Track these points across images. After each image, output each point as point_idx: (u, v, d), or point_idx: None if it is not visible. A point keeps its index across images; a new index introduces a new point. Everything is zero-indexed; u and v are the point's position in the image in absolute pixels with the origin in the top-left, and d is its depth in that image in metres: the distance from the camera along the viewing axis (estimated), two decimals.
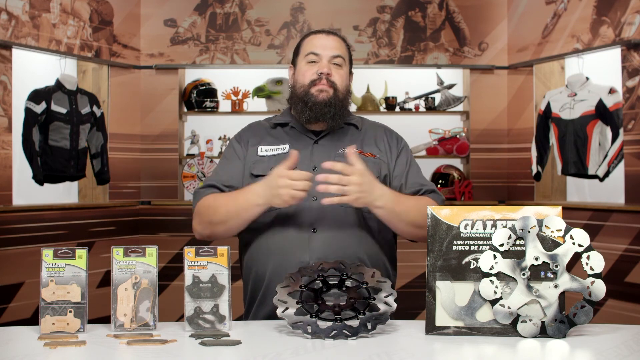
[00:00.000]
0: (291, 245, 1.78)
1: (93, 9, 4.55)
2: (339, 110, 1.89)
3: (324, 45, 1.91)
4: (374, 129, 2.00)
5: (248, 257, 1.88)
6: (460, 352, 1.36)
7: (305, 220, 1.79)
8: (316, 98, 1.87)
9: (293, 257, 1.76)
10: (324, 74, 1.87)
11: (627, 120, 4.00)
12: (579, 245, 1.45)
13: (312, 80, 1.88)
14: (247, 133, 1.99)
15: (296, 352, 1.34)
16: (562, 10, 4.45)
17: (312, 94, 1.87)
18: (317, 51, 1.90)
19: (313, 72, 1.89)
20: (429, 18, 4.91)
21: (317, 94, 1.87)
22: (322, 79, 1.87)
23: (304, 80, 1.90)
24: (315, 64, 1.90)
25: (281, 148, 1.90)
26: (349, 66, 1.97)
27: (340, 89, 1.90)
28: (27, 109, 4.09)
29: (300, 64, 1.93)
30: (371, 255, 1.82)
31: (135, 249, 1.54)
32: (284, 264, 1.75)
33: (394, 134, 2.01)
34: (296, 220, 1.80)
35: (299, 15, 4.89)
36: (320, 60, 1.89)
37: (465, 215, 1.50)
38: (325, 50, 1.90)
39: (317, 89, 1.87)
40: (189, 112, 4.89)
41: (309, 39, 1.95)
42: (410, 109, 4.91)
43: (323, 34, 1.94)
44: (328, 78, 1.88)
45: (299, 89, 1.91)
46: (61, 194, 4.56)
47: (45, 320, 1.50)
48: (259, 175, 1.85)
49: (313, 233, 1.78)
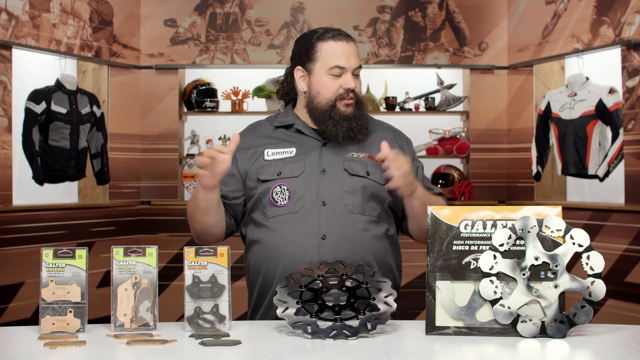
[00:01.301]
0: (300, 252, 1.77)
1: (93, 9, 4.55)
2: (364, 121, 1.88)
3: (347, 55, 1.84)
4: (382, 130, 1.97)
5: (255, 263, 1.85)
6: (460, 352, 1.36)
7: (314, 226, 1.78)
8: (344, 113, 1.84)
9: (302, 264, 1.73)
10: (351, 89, 1.84)
11: (627, 120, 4.00)
12: (579, 245, 1.45)
13: (340, 95, 1.84)
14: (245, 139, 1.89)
15: (296, 352, 1.34)
16: (562, 10, 4.45)
17: (339, 109, 1.84)
18: (342, 64, 1.83)
19: (338, 85, 1.84)
20: (429, 18, 4.91)
21: (345, 109, 1.84)
22: (349, 93, 1.84)
23: (329, 94, 1.84)
24: (339, 78, 1.84)
25: (288, 152, 1.87)
26: None
27: (361, 98, 1.89)
28: (27, 109, 4.09)
29: (320, 74, 1.85)
30: (380, 262, 1.81)
31: (135, 249, 1.54)
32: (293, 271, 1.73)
33: (402, 137, 2.00)
34: (305, 226, 1.78)
35: (299, 15, 4.89)
36: (344, 73, 1.84)
37: (465, 215, 1.50)
38: (349, 61, 1.84)
39: (344, 104, 1.84)
40: (189, 112, 4.89)
41: (328, 46, 1.85)
42: (410, 109, 4.91)
43: (343, 41, 1.85)
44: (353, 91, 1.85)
45: (323, 102, 1.85)
46: (61, 194, 4.56)
47: (45, 320, 1.50)
48: (266, 180, 1.83)
49: (322, 240, 1.77)
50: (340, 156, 1.85)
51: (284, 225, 1.80)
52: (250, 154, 1.88)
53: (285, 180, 1.82)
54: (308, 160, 1.84)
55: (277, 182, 1.82)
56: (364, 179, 1.83)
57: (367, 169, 1.85)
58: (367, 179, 1.84)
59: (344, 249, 1.76)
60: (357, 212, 1.81)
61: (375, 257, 1.80)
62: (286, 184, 1.81)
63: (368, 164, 1.85)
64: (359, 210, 1.81)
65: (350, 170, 1.83)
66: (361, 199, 1.82)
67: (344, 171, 1.83)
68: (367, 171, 1.84)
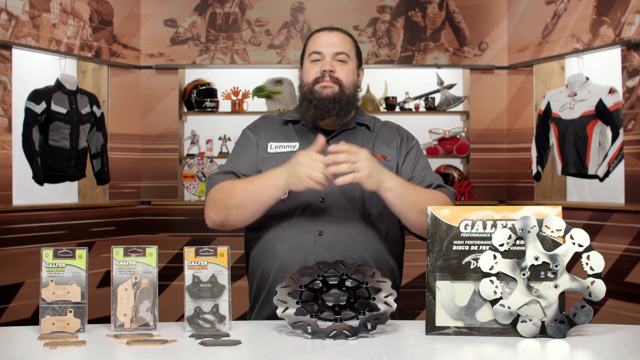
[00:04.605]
0: (297, 248, 1.77)
1: (93, 9, 4.55)
2: (345, 106, 1.87)
3: (326, 42, 1.90)
4: (386, 129, 1.98)
5: (254, 257, 1.87)
6: (460, 352, 1.36)
7: (312, 222, 1.78)
8: (320, 94, 1.85)
9: (298, 260, 1.75)
10: (327, 71, 1.86)
11: (627, 120, 4.00)
12: (579, 245, 1.45)
13: (316, 78, 1.87)
14: (261, 124, 1.98)
15: (296, 352, 1.34)
16: (562, 10, 4.45)
17: (316, 90, 1.86)
18: (319, 49, 1.89)
19: (316, 70, 1.88)
20: (429, 18, 4.91)
21: (321, 91, 1.85)
22: (325, 76, 1.86)
23: (308, 78, 1.89)
24: (318, 62, 1.89)
25: (291, 146, 1.88)
26: (356, 62, 1.94)
27: (347, 84, 1.88)
28: (27, 109, 4.09)
29: (305, 63, 1.93)
30: (377, 259, 1.81)
31: (135, 249, 1.54)
32: (289, 267, 1.74)
33: (405, 133, 1.99)
34: (302, 222, 1.79)
35: (299, 15, 4.89)
36: (323, 58, 1.88)
37: (465, 215, 1.50)
38: (327, 47, 1.89)
39: (320, 85, 1.86)
40: (189, 112, 4.89)
41: (312, 38, 1.94)
42: (410, 109, 4.91)
43: (326, 31, 1.93)
44: (332, 75, 1.86)
45: (304, 88, 1.90)
46: (61, 194, 4.56)
47: (45, 320, 1.50)
48: None
49: (319, 236, 1.77)
50: None
51: (283, 221, 1.80)
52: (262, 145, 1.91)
53: None
54: None
55: None
56: None
57: None
58: None
59: (340, 247, 1.76)
60: (356, 210, 1.80)
61: (374, 256, 1.80)
62: None
63: None
64: (358, 208, 1.81)
65: None
66: (360, 197, 1.82)
67: None
68: None
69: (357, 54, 1.96)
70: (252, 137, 1.94)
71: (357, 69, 1.96)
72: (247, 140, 1.95)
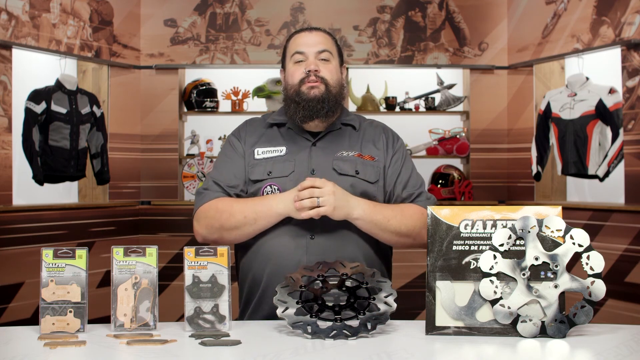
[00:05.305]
0: (289, 251, 1.77)
1: (93, 9, 4.55)
2: (333, 106, 1.87)
3: (307, 42, 1.89)
4: (372, 128, 1.98)
5: (245, 261, 1.87)
6: (460, 352, 1.36)
7: (303, 226, 1.78)
8: (308, 95, 1.84)
9: (290, 263, 1.75)
10: (312, 71, 1.86)
11: (627, 120, 3.99)
12: (579, 245, 1.45)
13: (301, 79, 1.86)
14: (245, 130, 1.97)
15: (296, 352, 1.34)
16: (562, 10, 4.45)
17: (303, 91, 1.85)
18: (301, 49, 1.88)
19: (301, 71, 1.87)
20: (429, 18, 4.91)
21: (308, 91, 1.85)
22: (311, 75, 1.86)
23: (293, 80, 1.88)
24: (302, 63, 1.88)
25: (278, 150, 1.88)
26: (338, 60, 1.94)
27: (332, 83, 1.87)
28: (27, 109, 4.09)
29: (288, 65, 1.91)
30: (369, 263, 1.81)
31: (135, 249, 1.54)
32: (281, 270, 1.74)
33: (391, 133, 1.99)
34: (294, 226, 1.78)
35: (299, 15, 4.89)
36: (306, 58, 1.88)
37: (465, 215, 1.50)
38: (309, 47, 1.88)
39: (307, 86, 1.85)
40: (189, 112, 4.89)
41: (292, 39, 1.93)
42: (410, 109, 4.91)
43: (306, 32, 1.92)
44: (317, 74, 1.86)
45: (290, 90, 1.89)
46: (61, 194, 4.56)
47: (45, 320, 1.50)
48: (258, 180, 1.84)
49: (311, 239, 1.77)
50: (329, 156, 1.86)
51: (274, 225, 1.80)
52: (249, 152, 1.90)
53: (275, 179, 1.83)
54: (298, 160, 1.85)
55: (267, 182, 1.83)
56: (352, 178, 1.83)
57: (356, 168, 1.84)
58: (356, 178, 1.83)
59: (332, 249, 1.76)
60: None
61: (365, 258, 1.80)
62: (276, 183, 1.82)
63: (357, 163, 1.85)
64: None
65: (339, 169, 1.83)
66: None
67: (333, 170, 1.83)
68: (357, 170, 1.84)
69: (339, 52, 1.96)
70: (238, 144, 1.93)
71: (340, 67, 1.95)
72: (232, 148, 1.94)
